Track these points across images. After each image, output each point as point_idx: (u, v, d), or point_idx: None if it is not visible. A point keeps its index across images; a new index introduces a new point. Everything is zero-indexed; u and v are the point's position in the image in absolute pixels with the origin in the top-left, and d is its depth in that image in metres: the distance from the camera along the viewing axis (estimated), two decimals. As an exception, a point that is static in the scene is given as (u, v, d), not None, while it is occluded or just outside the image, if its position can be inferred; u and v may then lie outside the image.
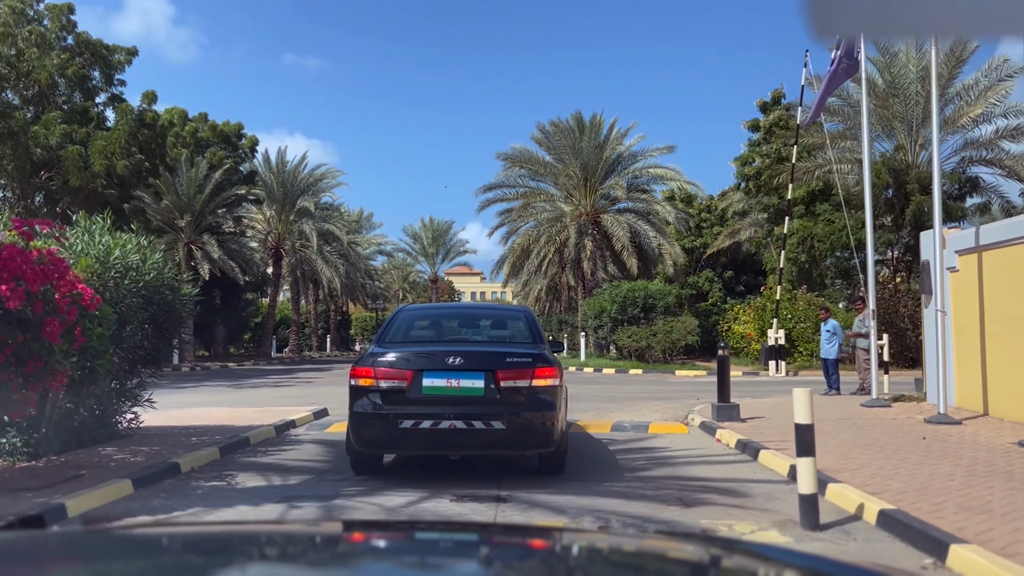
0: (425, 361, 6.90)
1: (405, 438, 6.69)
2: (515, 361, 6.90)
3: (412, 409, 6.67)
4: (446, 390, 6.73)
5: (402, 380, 6.73)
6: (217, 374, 27.32)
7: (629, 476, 7.72)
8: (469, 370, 6.76)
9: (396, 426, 6.61)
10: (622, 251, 31.36)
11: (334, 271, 42.60)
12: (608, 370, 25.49)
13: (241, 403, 14.97)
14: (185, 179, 32.58)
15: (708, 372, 24.54)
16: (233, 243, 34.58)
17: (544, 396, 6.82)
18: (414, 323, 8.34)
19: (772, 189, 27.84)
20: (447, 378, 6.75)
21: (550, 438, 6.84)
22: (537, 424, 6.80)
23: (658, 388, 19.47)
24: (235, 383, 22.21)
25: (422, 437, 6.64)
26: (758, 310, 26.37)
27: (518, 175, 34.73)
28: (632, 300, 25.75)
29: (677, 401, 15.72)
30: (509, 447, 7.08)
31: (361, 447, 6.99)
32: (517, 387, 6.78)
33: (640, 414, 13.27)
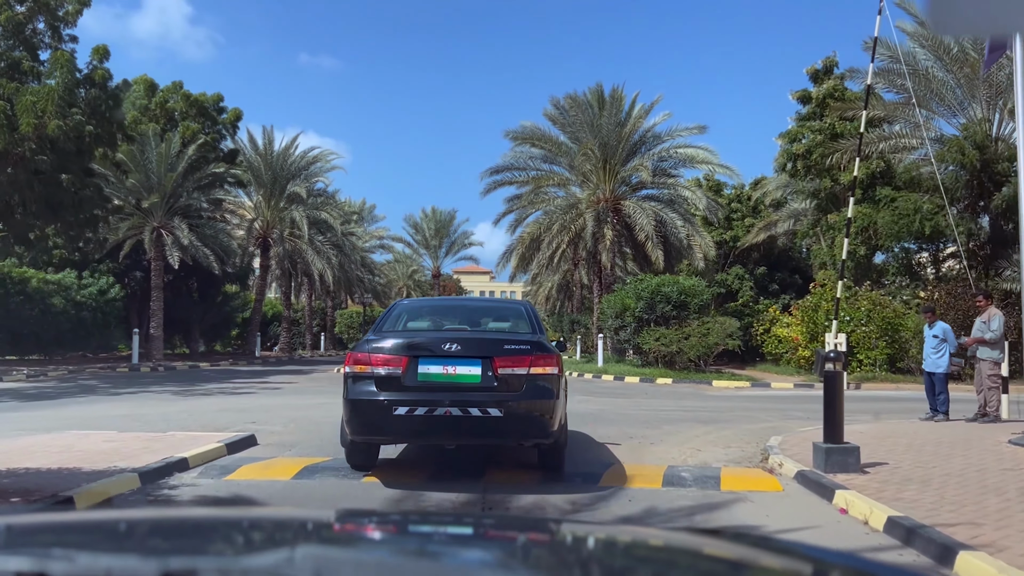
0: (421, 347, 6.68)
1: (400, 426, 6.53)
2: (513, 348, 6.66)
3: (407, 396, 6.46)
4: (442, 377, 6.56)
5: (397, 367, 6.51)
6: (178, 376, 23.64)
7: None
8: (466, 357, 6.57)
9: (391, 413, 6.39)
10: (646, 242, 27.49)
11: (326, 263, 38.88)
12: (631, 378, 21.67)
13: (149, 423, 11.24)
14: (154, 155, 28.91)
15: (752, 383, 20.65)
16: (208, 228, 30.89)
17: (543, 384, 6.59)
18: (411, 314, 8.15)
19: (824, 170, 23.91)
20: (443, 365, 6.56)
21: (548, 428, 6.62)
22: (535, 413, 6.61)
23: (698, 404, 15.64)
24: (187, 389, 18.53)
25: (417, 425, 6.48)
26: (808, 310, 22.45)
27: (528, 156, 30.91)
28: (663, 296, 21.89)
29: (733, 426, 11.91)
30: (506, 436, 6.88)
31: (355, 435, 6.81)
32: (515, 375, 6.55)
33: (695, 449, 9.46)
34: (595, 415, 12.99)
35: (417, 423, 6.41)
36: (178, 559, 1.09)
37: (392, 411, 6.35)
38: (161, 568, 0.94)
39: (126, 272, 30.67)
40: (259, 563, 1.06)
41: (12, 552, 1.10)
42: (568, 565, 1.23)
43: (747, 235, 33.95)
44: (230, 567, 1.03)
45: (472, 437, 6.81)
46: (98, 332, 28.56)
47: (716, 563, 1.25)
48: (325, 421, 11.92)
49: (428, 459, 8.24)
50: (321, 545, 1.25)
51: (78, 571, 1.00)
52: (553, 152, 30.17)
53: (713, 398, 17.30)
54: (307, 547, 1.21)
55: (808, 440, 9.83)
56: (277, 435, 10.32)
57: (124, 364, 26.39)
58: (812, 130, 23.84)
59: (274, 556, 1.15)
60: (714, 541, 1.38)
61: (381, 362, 6.51)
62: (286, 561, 1.08)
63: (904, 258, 23.11)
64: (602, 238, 27.78)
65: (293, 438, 10.05)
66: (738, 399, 17.17)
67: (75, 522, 1.60)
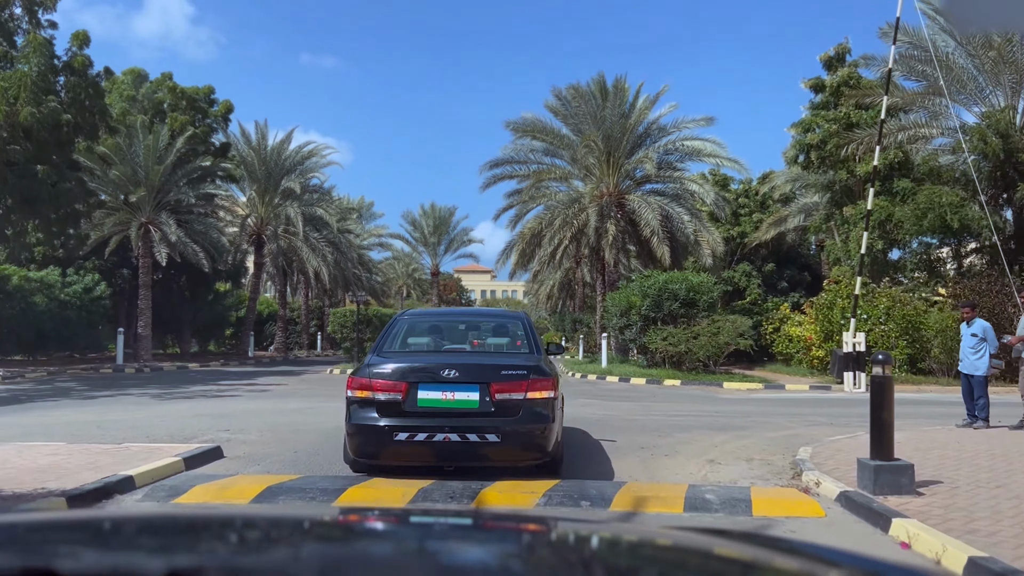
0: (420, 373, 6.80)
1: (400, 450, 6.66)
2: (510, 374, 6.75)
3: (407, 422, 6.58)
4: (441, 403, 6.66)
5: (397, 392, 6.65)
6: (163, 377, 22.62)
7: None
8: (464, 383, 6.67)
9: (391, 438, 6.55)
10: (651, 237, 26.43)
11: (322, 260, 37.83)
12: (637, 379, 20.63)
13: (112, 431, 10.21)
14: (142, 148, 27.89)
15: (765, 385, 19.60)
16: (198, 224, 29.86)
17: (539, 409, 6.70)
18: (411, 331, 8.27)
19: (839, 161, 22.84)
20: (442, 391, 6.67)
21: (544, 449, 6.78)
22: (532, 437, 6.71)
23: (711, 408, 14.59)
24: (169, 391, 17.51)
25: (417, 450, 6.61)
26: (822, 308, 21.38)
27: (529, 149, 29.84)
28: (670, 294, 20.83)
29: (752, 433, 10.87)
30: (503, 459, 6.93)
31: (357, 458, 6.96)
32: (512, 400, 6.64)
33: (714, 462, 8.41)
34: (601, 421, 11.96)
35: (416, 448, 6.57)
36: (184, 556, 1.09)
37: (392, 436, 6.53)
38: (167, 565, 0.93)
39: (113, 270, 29.67)
40: (265, 560, 1.06)
41: (18, 548, 1.10)
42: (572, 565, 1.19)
43: (755, 231, 32.88)
44: (236, 564, 1.02)
45: (470, 461, 6.87)
46: (84, 332, 27.55)
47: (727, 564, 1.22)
48: (306, 428, 10.90)
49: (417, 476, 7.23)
50: (326, 543, 1.26)
51: (85, 567, 0.98)
52: (555, 145, 29.13)
53: (725, 401, 16.25)
54: (312, 545, 1.21)
55: (842, 452, 8.82)
56: (249, 445, 9.29)
57: (109, 365, 25.38)
58: (826, 119, 22.76)
59: (280, 554, 1.14)
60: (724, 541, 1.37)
61: (381, 388, 6.66)
62: (292, 559, 1.07)
63: (923, 253, 22.02)
64: (605, 233, 26.73)
65: (266, 449, 9.01)
66: (752, 402, 16.12)
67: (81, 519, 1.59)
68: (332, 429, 10.71)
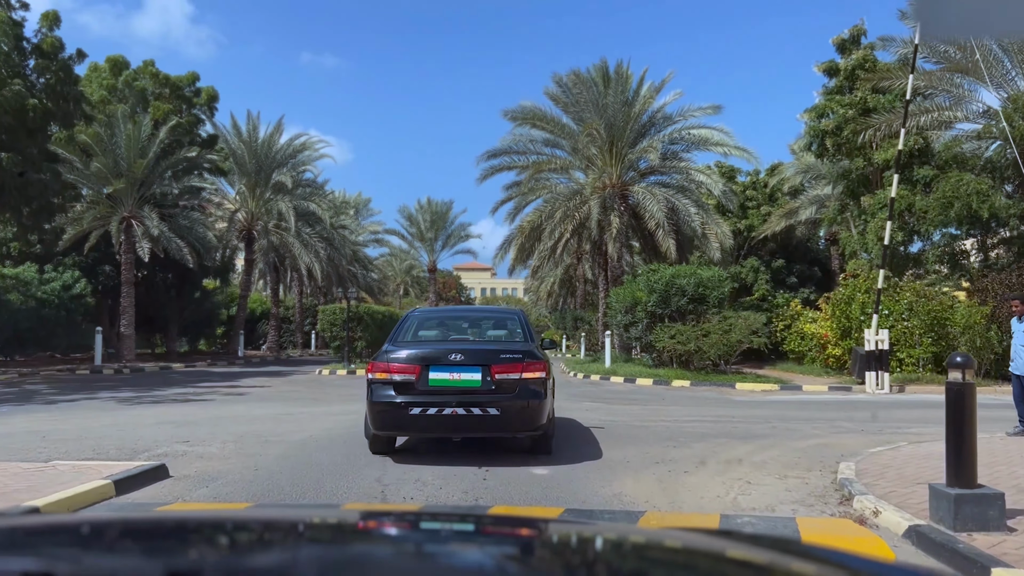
0: (431, 358, 7.71)
1: (414, 422, 7.57)
2: (508, 357, 7.72)
3: (420, 398, 7.51)
4: (449, 382, 7.58)
5: (411, 374, 7.58)
6: (141, 379, 21.41)
7: None
8: (468, 365, 7.62)
9: (407, 412, 7.48)
10: (656, 230, 25.20)
11: (314, 257, 36.57)
12: (643, 380, 19.40)
13: (55, 442, 9.01)
14: (123, 138, 26.64)
15: (781, 386, 18.36)
16: (183, 218, 28.62)
17: (532, 387, 7.59)
18: (422, 325, 9.20)
19: (856, 148, 21.58)
20: (450, 372, 7.61)
21: (538, 422, 7.66)
22: (526, 410, 7.57)
23: (726, 413, 13.35)
24: (141, 394, 16.31)
25: (428, 422, 7.50)
26: (839, 304, 20.14)
27: (529, 139, 28.60)
28: (678, 289, 19.58)
29: (778, 443, 9.66)
30: (502, 430, 7.80)
31: (377, 430, 7.84)
32: (509, 379, 7.57)
33: (743, 481, 7.18)
34: (608, 428, 10.74)
35: (428, 420, 7.49)
36: (183, 559, 1.10)
37: (408, 411, 7.48)
38: (166, 568, 0.94)
39: (94, 266, 28.42)
40: (264, 562, 1.06)
41: (17, 552, 1.11)
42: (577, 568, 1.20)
43: (763, 224, 31.62)
44: (235, 567, 1.03)
45: (474, 431, 7.81)
46: (63, 331, 26.30)
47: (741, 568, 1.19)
48: (276, 439, 9.67)
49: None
50: (326, 544, 1.26)
51: (83, 571, 0.98)
52: (555, 134, 27.88)
53: (740, 404, 15.01)
54: (312, 546, 1.23)
55: (890, 468, 7.60)
56: (205, 461, 8.06)
57: (87, 366, 24.16)
58: (841, 104, 21.48)
59: (279, 555, 1.14)
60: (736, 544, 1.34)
61: (397, 370, 7.61)
62: (291, 560, 1.08)
63: (946, 246, 20.77)
64: (608, 226, 25.49)
65: (223, 466, 7.79)
66: (769, 405, 14.90)
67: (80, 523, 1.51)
68: (305, 440, 9.50)
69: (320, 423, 11.27)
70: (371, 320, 23.97)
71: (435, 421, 7.48)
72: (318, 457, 8.35)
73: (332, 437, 9.72)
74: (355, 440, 9.13)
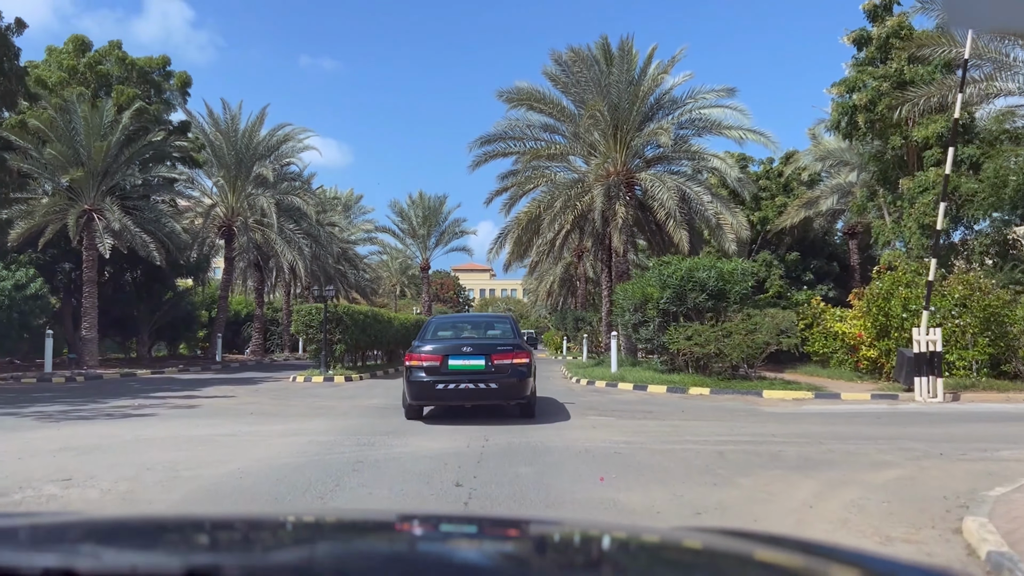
0: (449, 350, 11.34)
1: (439, 394, 11.06)
2: (502, 349, 11.34)
3: (443, 377, 11.04)
4: (462, 366, 11.13)
5: (436, 361, 11.14)
6: (91, 389, 19.11)
7: None
8: (475, 354, 11.24)
9: (434, 387, 11.02)
10: (667, 221, 22.89)
11: (297, 254, 34.25)
12: (655, 387, 17.09)
13: None
14: (81, 123, 24.35)
15: (815, 393, 16.03)
16: (150, 211, 26.30)
17: (520, 369, 11.18)
18: (439, 327, 12.66)
19: (891, 125, 19.28)
20: (462, 359, 11.19)
21: (524, 393, 11.27)
22: (516, 385, 11.12)
23: (765, 430, 11.03)
24: (73, 408, 14.02)
25: (449, 393, 11.03)
26: (876, 299, 17.83)
27: (526, 124, 26.29)
28: (695, 283, 17.27)
29: (849, 475, 7.38)
30: (499, 398, 11.25)
31: (412, 401, 11.34)
32: (503, 363, 11.13)
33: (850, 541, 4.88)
34: (622, 454, 8.46)
35: (449, 392, 11.02)
36: (202, 556, 1.11)
37: (435, 386, 11.02)
38: (185, 564, 0.94)
39: (53, 264, 26.14)
40: (282, 559, 1.06)
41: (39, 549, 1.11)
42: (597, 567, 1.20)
43: (779, 216, 29.32)
44: (253, 564, 1.03)
45: (480, 400, 11.16)
46: (15, 334, 23.97)
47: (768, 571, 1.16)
48: (191, 474, 7.33)
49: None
50: (342, 542, 1.28)
51: (104, 568, 0.98)
52: (554, 117, 25.57)
53: (775, 418, 12.70)
54: (329, 544, 1.24)
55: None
56: (68, 512, 5.69)
57: (35, 373, 21.84)
58: (875, 77, 19.17)
59: (297, 553, 1.14)
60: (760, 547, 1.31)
61: (427, 359, 11.19)
62: (308, 558, 1.08)
63: (996, 232, 18.45)
64: (613, 216, 23.18)
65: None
66: (810, 419, 12.59)
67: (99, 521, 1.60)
68: (226, 476, 7.18)
69: (261, 449, 8.98)
70: (352, 321, 21.65)
71: (454, 393, 10.94)
72: (227, 505, 6.09)
73: (266, 471, 7.43)
74: (298, 475, 6.90)
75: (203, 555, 1.11)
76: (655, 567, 1.18)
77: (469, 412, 12.18)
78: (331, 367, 21.30)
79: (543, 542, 1.33)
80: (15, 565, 0.92)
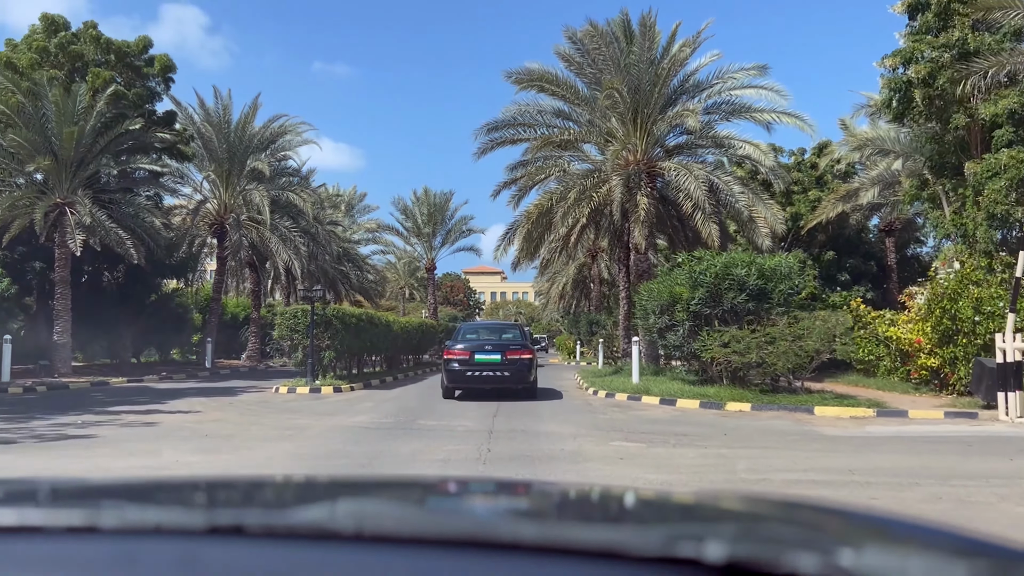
0: (475, 348, 15.96)
1: (468, 380, 15.75)
2: (513, 347, 16.04)
3: (471, 368, 15.68)
4: (485, 360, 15.73)
5: (466, 356, 15.78)
6: (44, 401, 17.00)
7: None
8: (494, 351, 15.86)
9: (464, 374, 15.69)
10: (694, 213, 20.59)
11: (293, 253, 32.11)
12: (686, 401, 14.78)
13: None
14: (52, 109, 22.32)
15: (876, 410, 13.66)
16: (128, 205, 24.23)
17: (526, 362, 15.94)
18: (467, 332, 17.56)
19: (954, 102, 16.93)
20: (485, 355, 15.77)
21: (528, 379, 16.01)
22: (522, 372, 15.82)
23: (837, 463, 8.68)
24: (2, 427, 11.88)
25: (475, 380, 15.70)
26: (941, 300, 15.44)
27: (537, 110, 24.06)
28: (734, 282, 14.97)
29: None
30: (511, 383, 15.79)
31: (449, 384, 15.99)
32: (514, 358, 15.78)
33: None
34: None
35: (475, 379, 15.65)
36: (224, 513, 1.11)
37: (465, 373, 15.65)
38: (208, 521, 0.96)
39: (23, 262, 24.11)
40: (302, 517, 1.05)
41: (62, 506, 1.12)
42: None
43: (814, 212, 26.93)
44: (274, 521, 1.02)
45: (497, 384, 15.69)
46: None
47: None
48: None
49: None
50: (362, 499, 1.31)
51: (128, 524, 0.99)
52: (568, 100, 23.32)
53: (841, 445, 10.36)
54: (348, 502, 1.26)
55: None
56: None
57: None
58: (934, 46, 16.81)
59: (317, 510, 1.15)
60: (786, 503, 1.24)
61: (460, 354, 15.81)
62: (328, 515, 1.09)
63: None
64: (634, 209, 20.88)
65: None
66: (884, 446, 10.27)
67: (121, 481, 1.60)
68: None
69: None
70: (343, 325, 19.45)
71: (478, 379, 15.71)
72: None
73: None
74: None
75: (226, 512, 1.10)
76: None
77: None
78: (319, 376, 19.13)
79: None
80: (39, 524, 0.94)
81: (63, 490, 1.29)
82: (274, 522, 0.99)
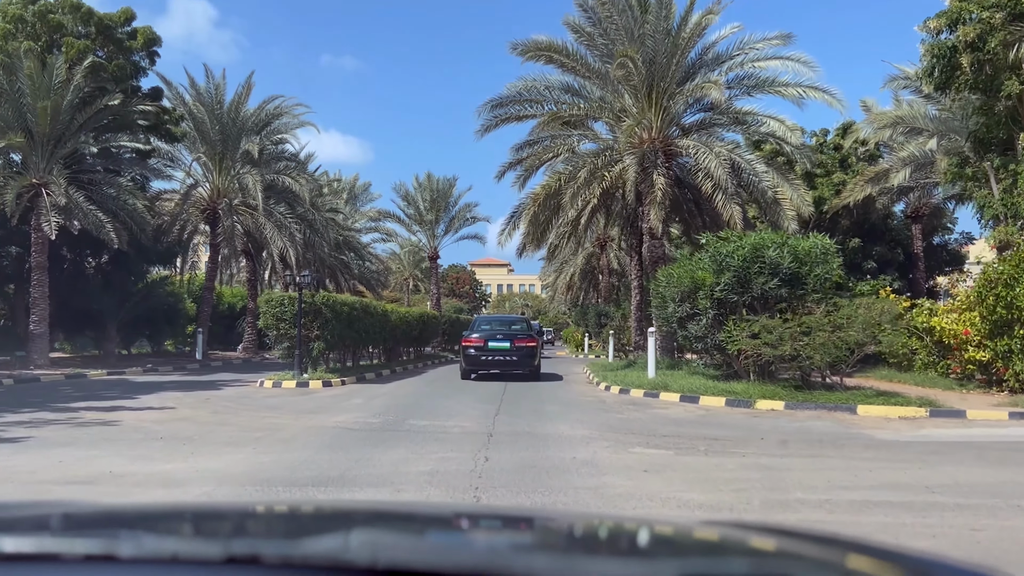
0: (489, 336, 18.69)
1: (483, 364, 18.55)
2: (520, 336, 18.82)
3: (485, 354, 18.45)
4: (497, 347, 18.41)
5: (481, 343, 18.51)
6: (6, 396, 15.62)
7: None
8: (504, 339, 18.54)
9: (479, 359, 18.50)
10: (714, 194, 19.02)
11: (288, 240, 30.63)
12: (710, 399, 13.26)
13: None
14: (27, 82, 20.88)
15: (929, 410, 12.10)
16: (108, 186, 22.80)
17: (532, 350, 18.65)
18: (482, 323, 20.61)
19: (1005, 68, 15.29)
20: (497, 343, 18.47)
21: (533, 364, 18.70)
22: (527, 358, 18.48)
23: (911, 478, 7.09)
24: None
25: (488, 364, 18.51)
26: (994, 286, 13.86)
27: (544, 85, 22.47)
28: (764, 265, 13.43)
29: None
30: (518, 368, 18.47)
31: (467, 367, 18.81)
32: (521, 346, 18.42)
33: None
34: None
35: (488, 363, 18.52)
36: (241, 543, 1.11)
37: (480, 358, 18.52)
38: (225, 551, 0.95)
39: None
40: (319, 547, 1.06)
41: (80, 535, 1.09)
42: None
43: (838, 195, 25.34)
44: (291, 551, 1.02)
45: (506, 368, 18.42)
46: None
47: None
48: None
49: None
50: (377, 529, 1.30)
51: (146, 553, 0.98)
52: (578, 73, 21.73)
53: (900, 451, 8.83)
54: (363, 531, 1.25)
55: None
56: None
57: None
58: (984, 6, 15.17)
59: (333, 540, 1.15)
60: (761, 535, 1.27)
61: (475, 342, 18.63)
62: (343, 545, 1.09)
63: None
64: (650, 190, 19.31)
65: None
66: (952, 453, 8.73)
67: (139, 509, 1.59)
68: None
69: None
70: (334, 314, 17.98)
71: (491, 363, 18.47)
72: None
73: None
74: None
75: (243, 542, 1.10)
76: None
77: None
78: (308, 369, 17.67)
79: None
80: (56, 551, 0.92)
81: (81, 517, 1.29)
82: (291, 552, 1.00)
